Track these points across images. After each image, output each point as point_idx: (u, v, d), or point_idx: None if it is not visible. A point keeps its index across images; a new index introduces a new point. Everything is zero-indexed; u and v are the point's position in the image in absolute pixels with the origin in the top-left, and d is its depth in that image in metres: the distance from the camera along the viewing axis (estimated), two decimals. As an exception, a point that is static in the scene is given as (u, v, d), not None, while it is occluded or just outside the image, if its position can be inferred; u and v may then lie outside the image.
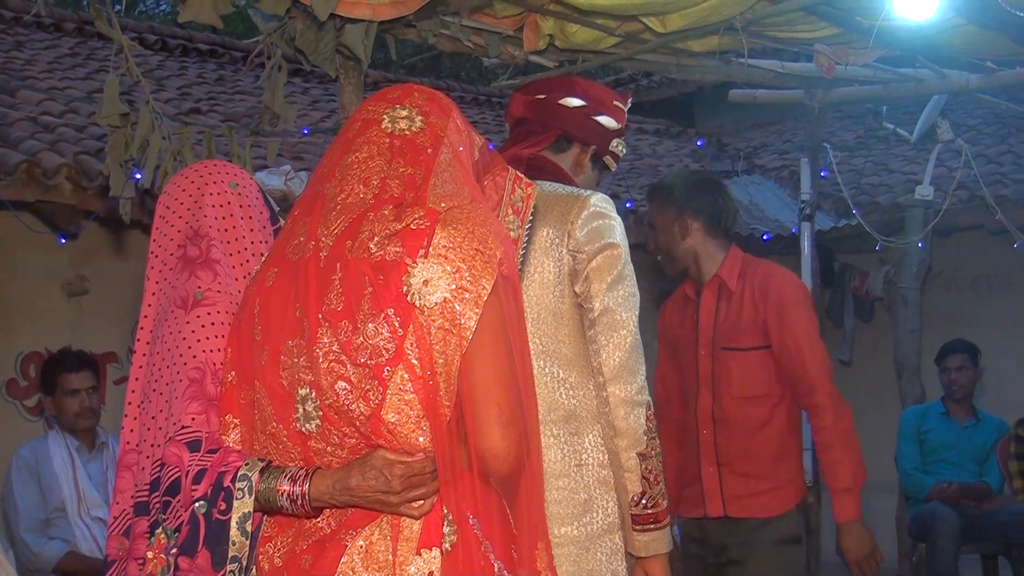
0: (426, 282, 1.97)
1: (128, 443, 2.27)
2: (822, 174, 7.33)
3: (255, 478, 2.02)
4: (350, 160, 2.15)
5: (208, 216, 2.30)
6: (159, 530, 2.04)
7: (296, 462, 2.07)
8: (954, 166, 7.60)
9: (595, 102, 3.15)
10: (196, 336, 2.17)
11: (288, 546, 2.10)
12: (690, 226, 3.96)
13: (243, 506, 2.01)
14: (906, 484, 6.77)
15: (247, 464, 2.04)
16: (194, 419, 2.10)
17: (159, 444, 2.14)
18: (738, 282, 3.97)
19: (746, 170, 10.41)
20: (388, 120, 2.17)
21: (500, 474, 2.03)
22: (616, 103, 3.20)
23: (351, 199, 2.10)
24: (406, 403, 1.99)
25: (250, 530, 2.02)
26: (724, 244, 4.02)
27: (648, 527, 2.87)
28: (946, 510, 6.25)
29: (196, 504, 2.02)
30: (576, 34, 4.73)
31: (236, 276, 2.27)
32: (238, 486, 2.01)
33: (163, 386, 2.18)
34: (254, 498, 2.02)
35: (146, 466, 2.18)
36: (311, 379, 2.02)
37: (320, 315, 2.01)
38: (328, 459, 2.06)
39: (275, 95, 4.46)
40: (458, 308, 1.98)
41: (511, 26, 4.75)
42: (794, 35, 5.00)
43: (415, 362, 1.97)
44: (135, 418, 2.26)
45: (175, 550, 2.01)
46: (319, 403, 2.02)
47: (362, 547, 2.04)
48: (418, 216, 2.02)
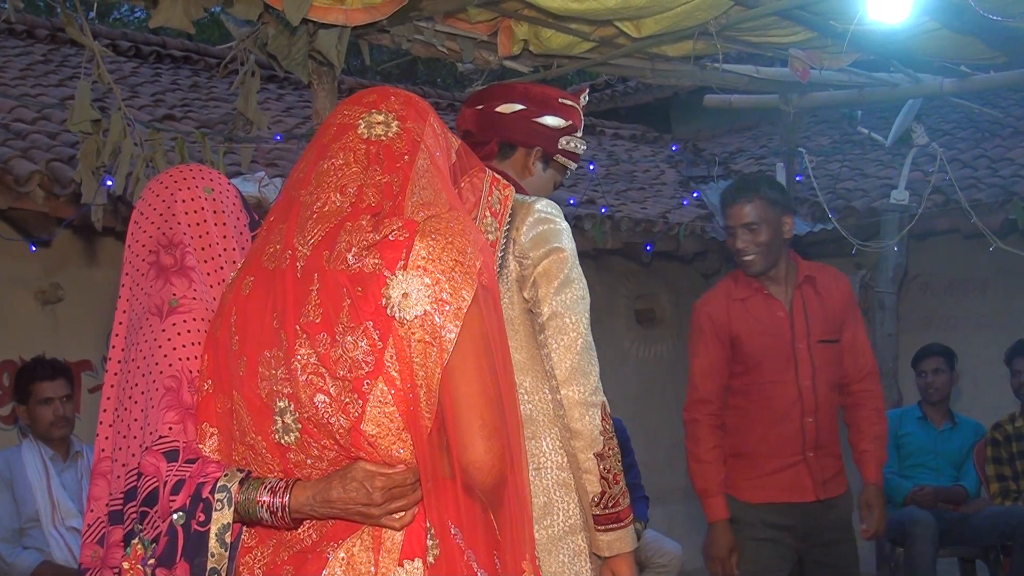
0: (405, 295, 1.96)
1: (103, 451, 2.25)
2: (797, 179, 7.34)
3: (234, 489, 2.00)
4: (326, 167, 2.12)
5: (181, 223, 2.28)
6: (135, 540, 2.02)
7: (275, 473, 2.06)
8: (929, 170, 7.61)
9: (536, 104, 3.14)
10: (172, 344, 2.15)
11: (269, 557, 2.10)
12: (788, 223, 4.27)
13: (222, 517, 1.99)
14: (884, 488, 6.76)
15: (226, 475, 2.02)
16: (171, 428, 2.08)
17: (135, 453, 2.12)
18: (817, 279, 4.34)
19: (722, 175, 10.40)
20: (364, 125, 2.15)
21: (485, 486, 2.03)
22: (563, 101, 3.18)
23: (327, 207, 2.08)
24: (386, 416, 1.98)
25: (229, 541, 2.00)
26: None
27: (610, 527, 2.86)
28: (923, 514, 6.25)
29: (174, 515, 2.00)
30: (551, 39, 4.73)
31: (210, 283, 2.24)
32: (217, 497, 1.99)
33: (138, 394, 2.16)
34: (233, 509, 2.00)
35: (121, 474, 2.16)
36: (289, 391, 2.01)
37: (298, 327, 2.00)
38: (308, 471, 2.05)
39: (248, 101, 4.44)
40: (438, 320, 1.97)
41: (485, 31, 4.74)
42: (768, 40, 5.00)
43: (395, 375, 1.96)
44: (110, 425, 2.24)
45: (152, 561, 2.00)
46: (298, 416, 2.00)
47: (344, 559, 2.04)
48: (396, 227, 2.01)
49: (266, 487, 2.01)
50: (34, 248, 6.41)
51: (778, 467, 4.27)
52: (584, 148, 3.25)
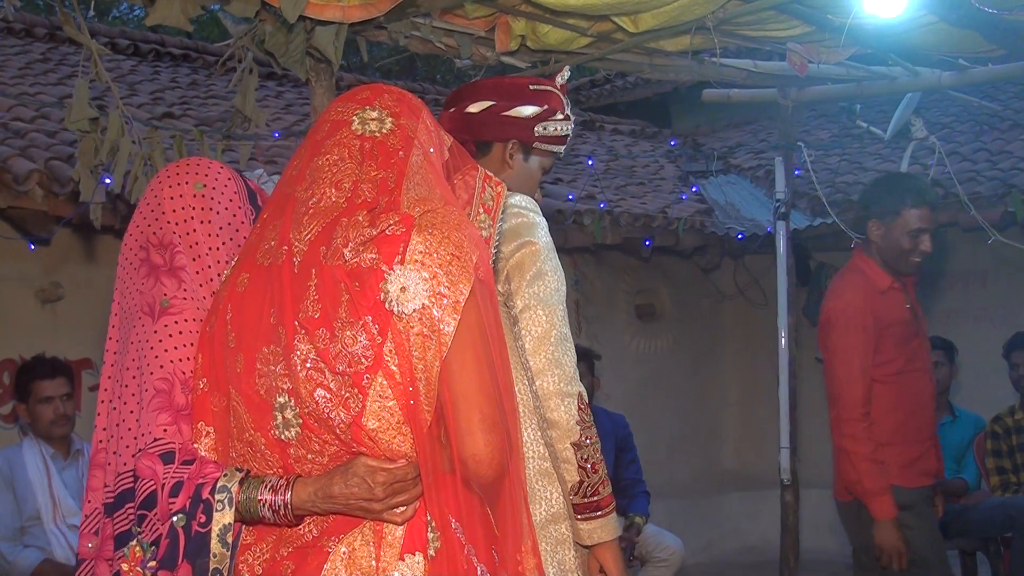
0: (403, 289, 1.97)
1: (100, 441, 2.26)
2: (796, 173, 7.33)
3: (235, 489, 2.01)
4: (321, 163, 2.13)
5: (170, 221, 2.27)
6: (134, 543, 2.03)
7: (274, 470, 2.07)
8: (928, 164, 7.60)
9: (505, 96, 3.14)
10: (164, 345, 2.15)
11: (269, 553, 2.10)
12: None
13: (223, 517, 2.00)
14: (883, 481, 6.78)
15: (225, 475, 2.03)
16: (166, 430, 2.08)
17: (122, 454, 2.12)
18: None
19: (721, 170, 10.42)
20: (358, 122, 2.16)
21: (484, 479, 2.04)
22: (536, 87, 3.17)
23: (323, 203, 2.08)
24: (386, 410, 1.98)
25: (230, 541, 2.01)
26: None
27: (591, 515, 2.88)
28: (924, 507, 6.25)
29: (174, 517, 2.01)
30: (548, 35, 4.72)
31: (199, 283, 2.24)
32: (217, 498, 2.00)
33: (129, 395, 2.16)
34: (234, 509, 2.01)
35: (113, 470, 2.15)
36: (289, 387, 2.01)
37: (296, 322, 2.00)
38: (308, 467, 2.05)
39: (246, 98, 4.44)
40: (436, 314, 1.98)
41: (483, 27, 4.73)
42: (766, 34, 5.00)
43: (394, 369, 1.97)
44: (107, 416, 2.25)
45: (152, 563, 2.00)
46: (298, 411, 2.01)
47: (345, 554, 2.04)
48: (393, 221, 2.02)
49: (267, 485, 2.02)
50: (33, 247, 6.42)
51: (918, 453, 4.52)
52: (568, 128, 3.21)
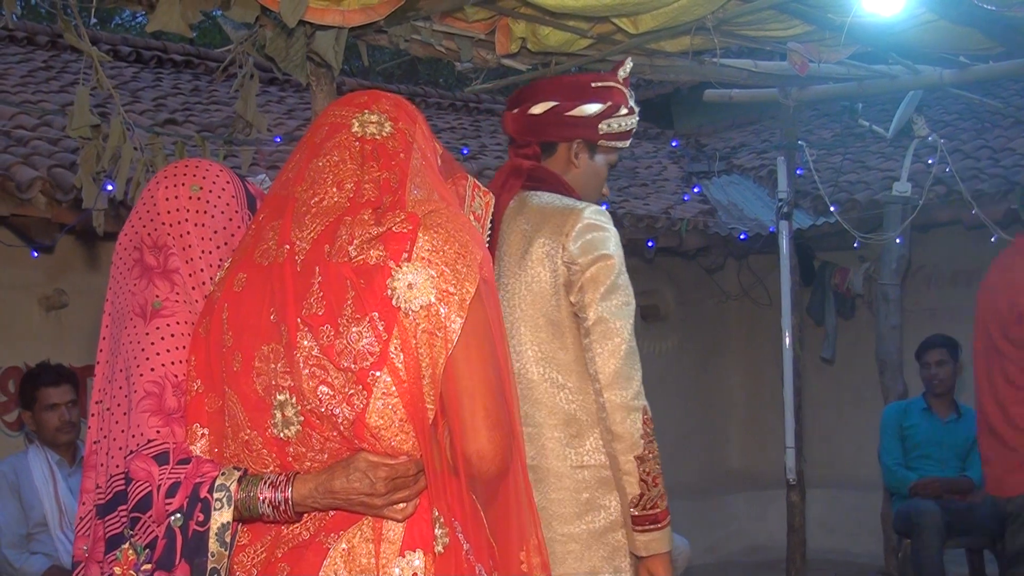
0: (410, 285, 1.98)
1: (95, 443, 2.24)
2: (799, 172, 7.34)
3: (233, 487, 2.00)
4: (321, 164, 2.14)
5: (165, 223, 2.26)
6: (126, 546, 2.01)
7: (271, 468, 2.06)
8: (930, 162, 7.60)
9: (568, 96, 3.16)
10: (155, 348, 2.13)
11: (264, 554, 2.08)
12: None
13: (222, 516, 1.99)
14: (889, 480, 6.78)
15: (223, 474, 2.01)
16: (158, 432, 2.06)
17: (114, 456, 2.11)
18: None
19: (724, 170, 10.42)
20: (358, 124, 2.16)
21: (487, 476, 2.04)
22: (598, 84, 3.19)
23: (325, 202, 2.09)
24: (390, 407, 1.98)
25: (228, 540, 2.00)
26: None
27: (647, 528, 2.92)
28: (930, 505, 6.25)
29: (172, 517, 1.99)
30: (548, 37, 4.72)
31: (191, 285, 2.23)
32: (216, 496, 1.99)
33: (122, 397, 2.14)
34: (233, 507, 2.00)
35: (105, 472, 2.14)
36: (291, 384, 2.00)
37: (299, 319, 2.00)
38: (308, 464, 2.05)
39: (247, 104, 4.44)
40: (443, 311, 1.98)
41: (483, 30, 4.73)
42: (766, 34, 5.00)
43: (399, 366, 1.97)
44: (99, 418, 2.24)
45: (148, 565, 1.99)
46: (300, 408, 2.00)
47: (344, 550, 2.03)
48: (400, 219, 2.02)
49: (266, 482, 2.01)
50: (36, 254, 6.43)
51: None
52: (633, 122, 3.24)
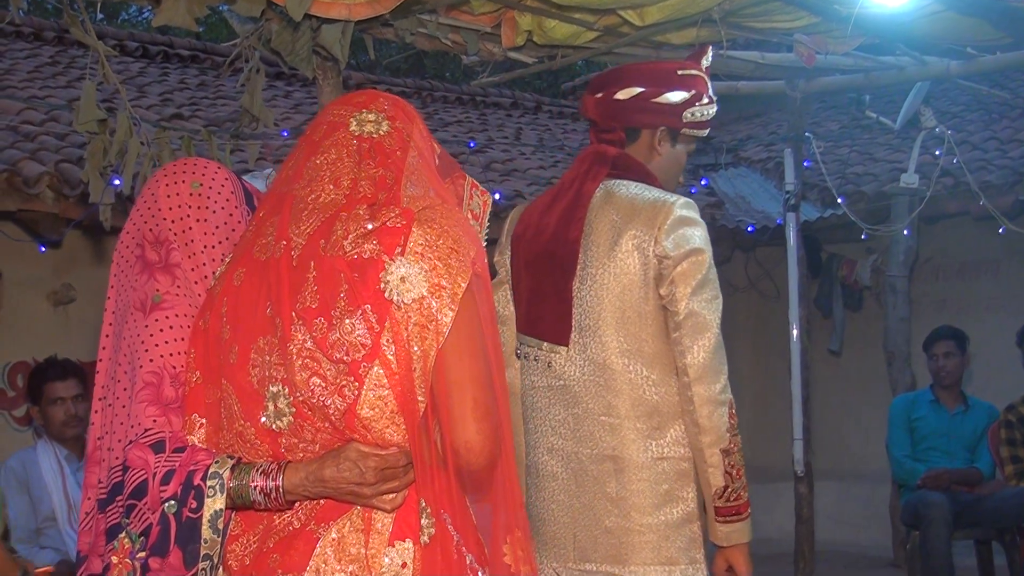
0: (403, 279, 2.00)
1: (98, 438, 2.26)
2: (806, 164, 7.33)
3: (226, 475, 2.02)
4: (319, 161, 2.18)
5: (167, 219, 2.28)
6: (122, 534, 2.03)
7: (264, 459, 2.08)
8: (938, 153, 7.59)
9: (654, 83, 3.16)
10: (154, 340, 2.16)
11: (256, 544, 2.11)
12: None
13: (214, 503, 2.01)
14: (897, 472, 6.77)
15: (217, 462, 2.04)
16: (155, 421, 2.09)
17: (114, 448, 2.14)
18: None
19: (731, 162, 10.41)
20: (355, 123, 2.21)
21: (475, 467, 2.06)
22: (682, 72, 3.20)
23: (322, 199, 2.13)
24: (381, 399, 2.01)
25: (221, 527, 2.03)
26: None
27: (730, 519, 2.98)
28: (938, 497, 6.24)
29: (166, 504, 2.01)
30: (554, 29, 4.72)
31: (193, 280, 2.25)
32: (209, 484, 2.01)
33: (121, 390, 2.17)
34: (226, 495, 2.02)
35: (107, 466, 2.16)
36: (284, 376, 2.03)
37: (293, 312, 2.03)
38: (300, 455, 2.08)
39: (254, 98, 4.45)
40: (435, 304, 2.01)
41: (489, 23, 4.73)
42: (773, 25, 4.99)
43: (391, 358, 2.00)
44: (102, 412, 2.26)
45: (142, 553, 2.01)
46: (292, 399, 2.03)
47: (335, 540, 2.06)
48: (394, 215, 2.06)
49: (258, 470, 2.03)
50: (44, 249, 6.45)
51: None
52: (713, 111, 3.26)
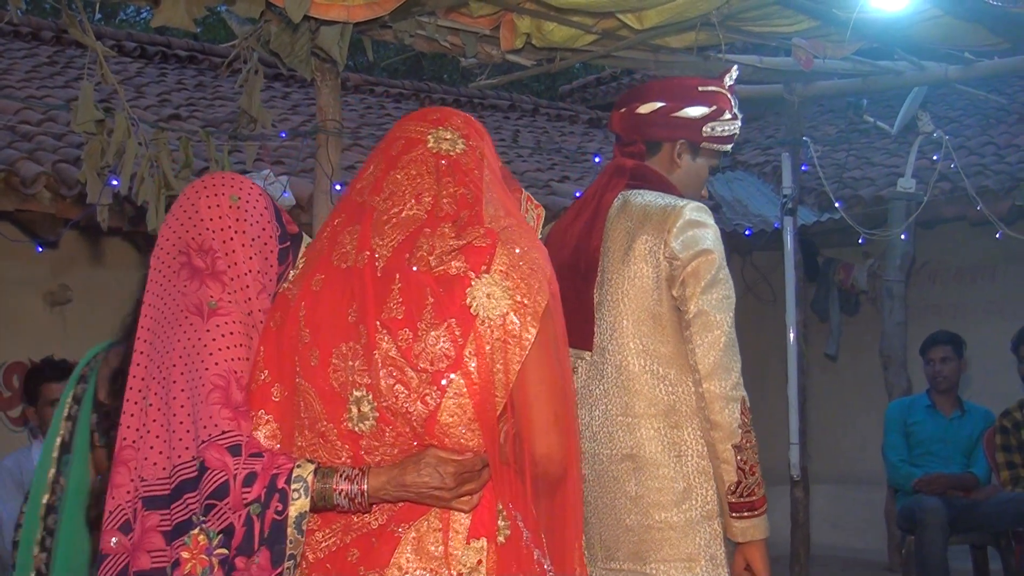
0: (489, 296, 2.14)
1: (125, 439, 2.30)
2: (803, 168, 7.33)
3: (310, 479, 2.13)
4: (399, 177, 2.29)
5: (209, 229, 2.35)
6: (197, 531, 2.13)
7: (343, 460, 2.20)
8: (935, 158, 7.59)
9: (675, 98, 3.27)
10: (217, 345, 2.24)
11: (334, 539, 2.23)
12: None
13: (300, 506, 2.11)
14: (893, 476, 6.78)
15: (299, 466, 2.14)
16: (231, 423, 2.17)
17: (179, 444, 2.19)
18: None
19: (728, 166, 10.42)
20: (433, 140, 2.32)
21: (552, 476, 2.22)
22: (703, 88, 3.29)
23: (404, 213, 2.25)
24: (460, 407, 2.14)
25: (305, 528, 2.13)
26: None
27: (744, 515, 3.03)
28: (934, 501, 6.25)
29: (250, 506, 2.11)
30: (553, 32, 4.73)
31: (235, 288, 2.32)
32: (293, 487, 2.12)
33: (178, 391, 2.22)
34: (310, 498, 2.12)
35: (159, 461, 2.22)
36: (368, 382, 2.15)
37: (378, 322, 2.15)
38: (378, 458, 2.19)
39: (252, 99, 4.45)
40: (517, 321, 2.14)
41: (488, 25, 4.74)
42: (772, 29, 5.00)
43: (472, 369, 2.13)
44: (133, 415, 2.30)
45: (222, 550, 2.11)
46: (376, 404, 2.15)
47: (414, 539, 2.18)
48: (479, 234, 2.19)
49: (341, 475, 2.14)
50: (41, 249, 6.44)
51: None
52: (736, 127, 3.34)
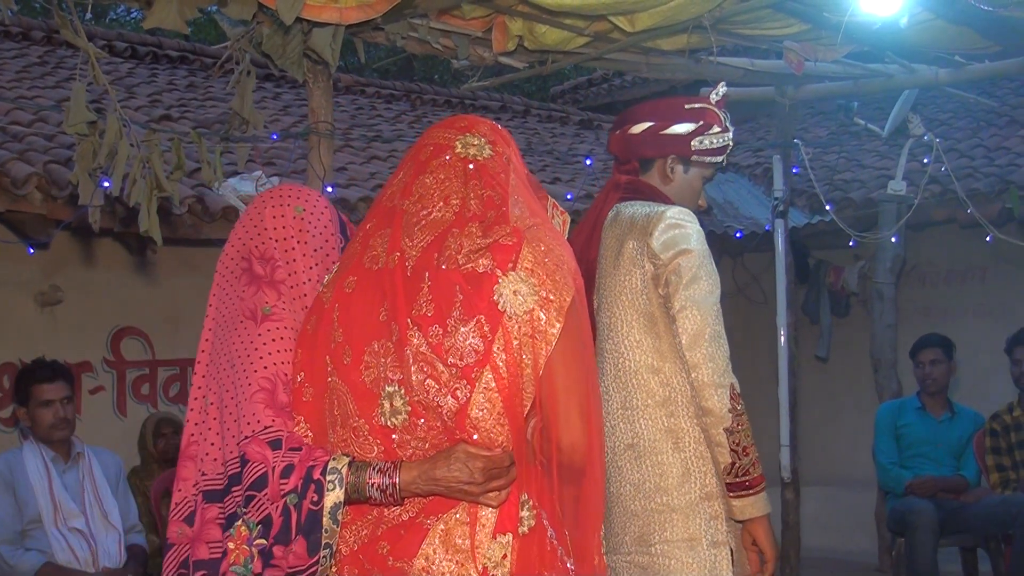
0: (515, 292, 2.23)
1: (191, 435, 2.46)
2: (794, 171, 7.34)
3: (344, 471, 2.22)
4: (428, 180, 2.39)
5: (272, 239, 2.49)
6: (239, 523, 2.25)
7: (375, 454, 2.28)
8: (926, 161, 7.62)
9: (663, 118, 3.47)
10: (267, 348, 2.36)
11: (366, 530, 2.30)
12: None
13: (335, 497, 2.21)
14: (883, 479, 6.79)
15: (334, 459, 2.24)
16: (273, 421, 2.29)
17: (232, 441, 2.32)
18: None
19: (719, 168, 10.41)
20: (461, 146, 2.42)
21: (578, 465, 2.31)
22: (689, 106, 3.48)
23: (433, 215, 2.34)
24: (490, 401, 2.22)
25: (340, 518, 2.22)
26: None
27: (742, 493, 3.17)
28: (924, 504, 6.27)
29: (287, 497, 2.21)
30: (545, 35, 4.73)
31: (292, 296, 2.45)
32: (328, 479, 2.21)
33: (223, 392, 2.36)
34: (344, 489, 2.21)
35: (218, 457, 2.38)
36: (399, 377, 2.24)
37: (409, 319, 2.24)
38: (410, 452, 2.27)
39: (244, 100, 4.44)
40: (543, 316, 2.24)
41: (480, 28, 4.74)
42: (763, 32, 5.00)
43: (500, 364, 2.22)
44: (195, 411, 2.45)
45: (261, 540, 2.22)
46: (408, 399, 2.24)
47: (442, 531, 2.25)
48: (506, 232, 2.28)
49: (374, 468, 2.23)
50: (32, 250, 6.42)
51: None
52: (726, 139, 3.51)
